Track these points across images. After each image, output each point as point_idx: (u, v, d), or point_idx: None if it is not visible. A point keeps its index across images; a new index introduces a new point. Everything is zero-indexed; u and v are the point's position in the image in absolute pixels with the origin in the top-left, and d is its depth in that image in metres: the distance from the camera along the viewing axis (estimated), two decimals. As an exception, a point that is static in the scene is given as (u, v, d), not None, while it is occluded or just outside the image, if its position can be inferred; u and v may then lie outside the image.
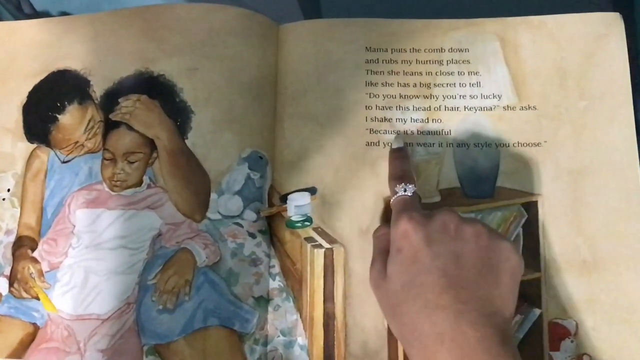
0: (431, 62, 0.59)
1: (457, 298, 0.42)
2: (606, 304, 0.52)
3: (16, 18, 0.66)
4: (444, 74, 0.58)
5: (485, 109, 0.57)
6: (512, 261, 0.45)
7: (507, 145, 0.56)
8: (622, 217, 0.54)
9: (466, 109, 0.57)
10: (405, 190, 0.50)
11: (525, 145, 0.56)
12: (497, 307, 0.43)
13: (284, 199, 0.56)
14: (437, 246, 0.45)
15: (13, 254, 0.56)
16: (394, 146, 0.55)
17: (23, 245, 0.56)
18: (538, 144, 0.56)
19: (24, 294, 0.54)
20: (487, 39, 0.59)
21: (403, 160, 0.54)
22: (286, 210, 0.56)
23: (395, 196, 0.51)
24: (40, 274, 0.55)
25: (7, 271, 0.55)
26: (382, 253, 0.49)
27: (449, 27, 0.59)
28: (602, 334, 0.52)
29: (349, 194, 0.55)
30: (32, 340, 0.53)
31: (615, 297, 0.52)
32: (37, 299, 0.54)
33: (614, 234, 0.53)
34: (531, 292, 0.53)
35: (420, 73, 0.58)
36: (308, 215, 0.55)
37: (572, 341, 0.52)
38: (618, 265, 0.53)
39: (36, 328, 0.54)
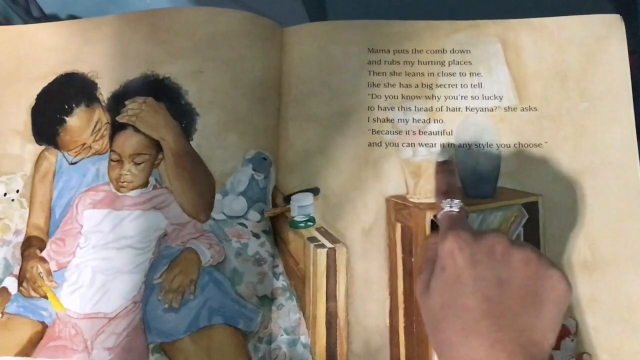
0: (433, 63, 0.59)
1: (496, 325, 0.41)
2: (606, 303, 0.52)
3: (25, 22, 0.67)
4: (446, 74, 0.59)
5: (486, 109, 0.57)
6: (559, 290, 0.43)
7: (508, 145, 0.56)
8: (623, 217, 0.54)
9: (468, 110, 0.58)
10: (451, 206, 0.50)
11: (526, 145, 0.56)
12: (537, 339, 0.41)
13: (287, 199, 0.57)
14: (481, 269, 0.43)
15: (22, 254, 0.57)
16: (440, 159, 0.55)
17: (32, 245, 0.57)
18: (539, 145, 0.56)
19: (33, 293, 0.55)
20: (488, 40, 0.59)
21: (448, 174, 0.54)
22: (290, 210, 0.56)
23: (442, 211, 0.50)
24: (49, 273, 0.56)
25: (16, 270, 0.56)
26: (430, 264, 0.48)
27: (450, 29, 0.60)
28: (602, 333, 0.52)
29: (351, 194, 0.56)
30: (41, 338, 0.54)
31: (615, 296, 0.52)
32: (46, 298, 0.55)
33: (615, 234, 0.54)
34: (532, 292, 0.54)
35: (422, 74, 0.59)
36: (311, 215, 0.56)
37: (572, 340, 0.52)
38: (618, 265, 0.53)
39: (44, 326, 0.55)
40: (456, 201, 0.50)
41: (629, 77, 0.56)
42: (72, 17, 0.68)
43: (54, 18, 0.69)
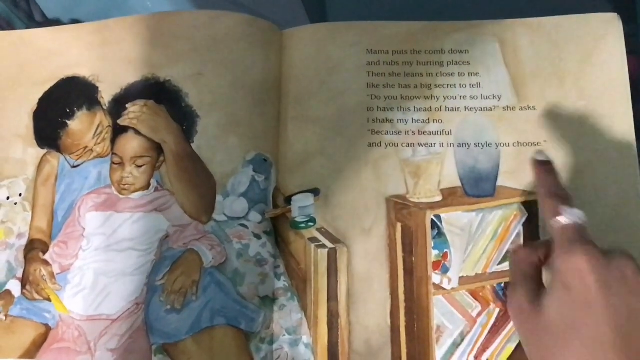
0: (432, 63, 0.59)
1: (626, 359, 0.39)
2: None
3: (27, 26, 0.68)
4: (445, 75, 0.59)
5: (485, 109, 0.58)
6: None
7: (507, 145, 0.56)
8: (622, 215, 0.54)
9: (466, 110, 0.58)
10: (574, 216, 0.46)
11: (525, 145, 0.56)
12: None
13: (288, 200, 0.57)
14: (613, 295, 0.41)
15: (25, 257, 0.57)
16: (540, 158, 0.53)
17: (35, 248, 0.57)
18: (538, 144, 0.56)
19: (36, 296, 0.55)
20: (486, 40, 0.59)
21: (555, 176, 0.52)
22: (290, 211, 0.57)
23: (563, 221, 0.47)
24: (52, 276, 0.56)
25: (20, 274, 0.56)
26: (528, 280, 0.46)
27: (449, 29, 0.60)
28: None
29: (351, 194, 0.56)
30: (44, 340, 0.54)
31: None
32: (49, 300, 0.55)
33: (614, 232, 0.54)
34: (532, 290, 0.54)
35: (421, 74, 0.59)
36: (312, 216, 0.56)
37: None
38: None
39: (48, 329, 0.55)
40: (576, 210, 0.47)
41: (627, 76, 0.57)
42: (74, 21, 0.69)
43: (56, 22, 0.70)
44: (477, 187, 0.56)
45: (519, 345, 0.53)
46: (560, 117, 0.57)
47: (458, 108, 0.58)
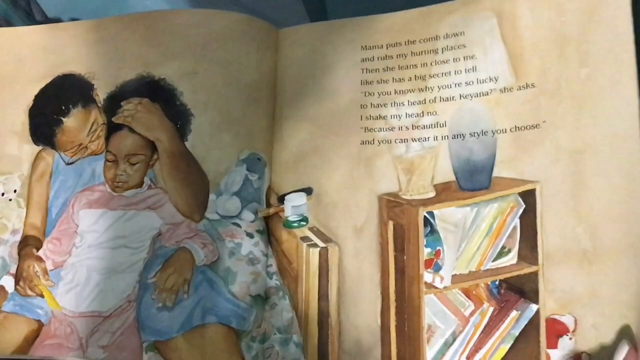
0: (426, 52, 0.58)
1: None
2: (607, 298, 0.48)
3: (27, 25, 0.68)
4: (439, 63, 0.57)
5: (481, 94, 0.55)
6: None
7: (504, 131, 0.53)
8: (626, 198, 0.49)
9: (462, 97, 0.55)
10: None
11: (523, 128, 0.53)
12: None
13: (281, 199, 0.57)
14: None
15: (19, 253, 0.57)
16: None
17: (28, 245, 0.58)
18: (536, 126, 0.53)
19: (29, 292, 0.56)
20: (483, 16, 0.56)
21: None
22: (283, 210, 0.56)
23: None
24: (45, 272, 0.56)
25: (13, 269, 0.57)
26: None
27: (444, 12, 0.58)
28: (603, 330, 0.48)
29: (343, 193, 0.55)
30: (37, 336, 0.55)
31: (617, 290, 0.48)
32: (42, 296, 0.56)
33: (617, 218, 0.49)
34: (528, 287, 0.51)
35: (415, 65, 0.58)
36: (304, 215, 0.56)
37: (570, 338, 0.50)
38: (620, 254, 0.48)
39: (40, 325, 0.55)
40: None
41: (632, 33, 0.52)
42: (74, 19, 0.69)
43: (56, 21, 0.71)
44: (472, 180, 0.54)
45: (513, 346, 0.51)
46: (561, 91, 0.53)
47: (453, 97, 0.56)
